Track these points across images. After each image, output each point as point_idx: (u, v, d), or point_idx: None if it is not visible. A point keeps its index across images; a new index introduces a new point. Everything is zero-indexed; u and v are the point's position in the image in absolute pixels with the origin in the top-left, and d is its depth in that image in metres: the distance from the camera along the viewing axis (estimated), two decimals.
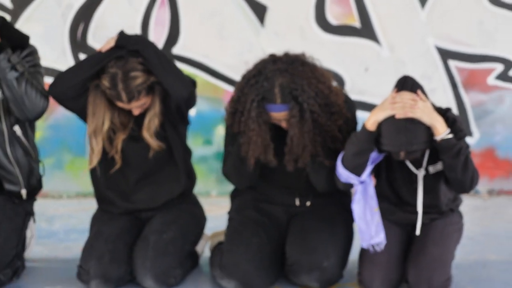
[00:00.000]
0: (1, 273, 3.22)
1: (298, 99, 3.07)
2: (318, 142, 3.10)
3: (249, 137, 3.10)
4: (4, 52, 3.18)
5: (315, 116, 3.08)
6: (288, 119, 3.09)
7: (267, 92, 3.08)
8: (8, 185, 3.34)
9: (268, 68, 3.16)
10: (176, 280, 3.25)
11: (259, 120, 3.08)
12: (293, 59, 3.19)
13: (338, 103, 3.15)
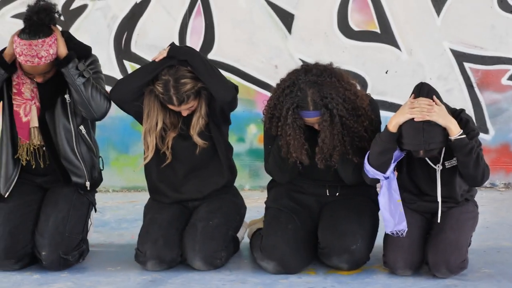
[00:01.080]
0: (70, 255, 3.63)
1: (328, 106, 3.44)
2: (346, 142, 3.47)
3: (287, 140, 3.49)
4: (72, 61, 3.58)
5: (343, 120, 3.46)
6: (320, 123, 3.47)
7: (301, 101, 3.45)
8: (75, 178, 3.74)
9: (300, 79, 3.51)
10: (221, 262, 3.65)
11: (294, 125, 3.46)
12: (322, 70, 3.54)
13: (364, 107, 3.53)
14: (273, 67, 5.62)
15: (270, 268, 3.53)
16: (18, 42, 3.55)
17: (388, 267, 3.51)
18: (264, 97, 5.57)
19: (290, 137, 3.46)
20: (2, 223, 3.66)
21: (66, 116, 3.71)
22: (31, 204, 3.74)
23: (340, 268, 3.54)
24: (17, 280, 3.51)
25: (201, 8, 5.60)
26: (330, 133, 3.44)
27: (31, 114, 3.69)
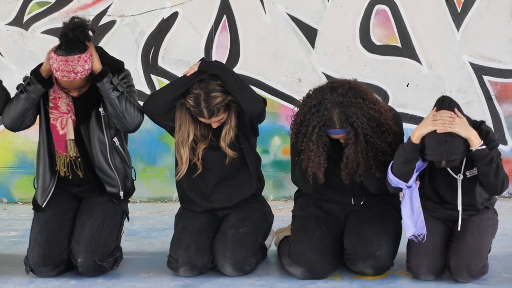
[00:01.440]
0: (105, 262, 3.78)
1: (354, 125, 3.58)
2: (370, 157, 3.61)
3: (308, 156, 3.63)
4: (107, 76, 3.74)
5: (367, 137, 3.59)
6: (345, 140, 3.62)
7: (328, 120, 3.59)
8: (109, 188, 3.90)
9: (327, 98, 3.63)
10: (250, 268, 3.79)
11: (318, 143, 3.60)
12: (347, 90, 3.65)
13: (387, 122, 3.65)
14: (297, 80, 5.77)
15: (298, 273, 3.66)
16: (55, 58, 3.70)
17: (412, 272, 3.64)
18: (288, 110, 5.70)
19: (312, 153, 3.60)
20: (40, 231, 3.83)
21: (100, 128, 3.87)
22: (67, 213, 3.90)
23: (365, 273, 3.67)
24: (55, 286, 3.66)
25: (226, 23, 5.76)
26: (354, 151, 3.58)
27: (67, 127, 3.84)
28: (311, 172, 3.64)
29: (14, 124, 3.84)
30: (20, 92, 3.78)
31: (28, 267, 3.81)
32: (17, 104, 3.79)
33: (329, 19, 5.70)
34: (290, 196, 5.84)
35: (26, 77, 3.81)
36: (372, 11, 5.67)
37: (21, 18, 5.84)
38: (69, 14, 5.81)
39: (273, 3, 5.68)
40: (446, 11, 5.64)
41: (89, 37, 3.81)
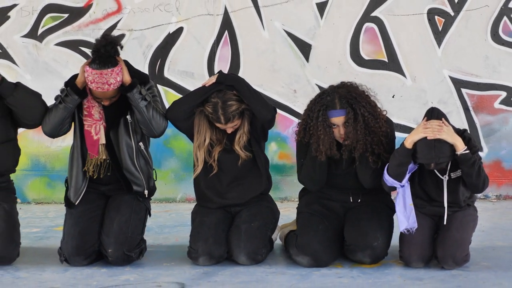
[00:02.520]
0: (132, 252, 4.23)
1: (353, 105, 4.08)
2: (367, 141, 4.09)
3: (318, 136, 4.08)
4: (136, 87, 4.19)
5: (365, 118, 4.08)
6: (345, 121, 4.09)
7: (330, 102, 4.09)
8: (135, 187, 4.33)
9: (329, 89, 4.19)
10: (262, 257, 4.26)
11: (324, 124, 4.08)
12: (347, 85, 4.20)
13: (381, 116, 4.17)
14: (292, 91, 6.19)
15: (304, 262, 4.15)
16: (90, 72, 4.12)
17: (404, 261, 4.14)
18: (284, 118, 6.18)
19: (321, 132, 4.06)
20: (73, 225, 4.27)
21: (128, 134, 4.30)
22: (96, 209, 4.33)
23: (363, 262, 4.16)
24: (89, 273, 4.10)
25: (228, 38, 6.14)
26: (353, 129, 4.06)
27: (100, 133, 4.29)
28: (325, 151, 4.07)
29: (54, 131, 4.26)
30: (58, 102, 4.21)
31: (63, 257, 4.24)
32: (56, 114, 4.22)
33: (322, 35, 6.11)
34: (285, 197, 6.31)
35: (63, 89, 4.23)
36: (362, 29, 6.09)
37: (36, 31, 6.19)
38: (81, 28, 6.20)
39: (271, 20, 6.10)
40: (428, 30, 6.07)
41: (118, 52, 4.20)
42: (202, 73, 6.18)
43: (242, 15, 6.12)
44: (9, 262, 4.26)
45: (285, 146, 6.25)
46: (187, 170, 6.20)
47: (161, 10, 6.15)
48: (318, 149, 4.12)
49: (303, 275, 4.02)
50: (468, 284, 3.84)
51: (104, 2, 6.16)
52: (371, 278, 3.95)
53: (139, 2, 6.14)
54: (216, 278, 3.98)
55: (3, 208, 4.31)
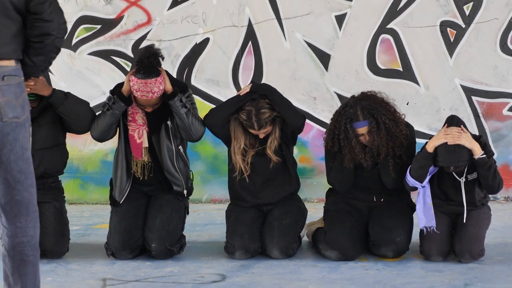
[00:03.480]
0: (174, 247, 4.59)
1: (374, 115, 4.45)
2: (390, 146, 4.45)
3: (350, 147, 4.45)
4: (177, 95, 4.55)
5: (386, 125, 4.44)
6: (368, 130, 4.46)
7: (353, 114, 4.45)
8: (175, 187, 4.69)
9: (351, 101, 4.55)
10: (293, 252, 4.62)
11: (352, 136, 4.45)
12: (367, 94, 4.57)
13: (401, 121, 4.54)
14: (312, 99, 6.49)
15: (333, 256, 4.52)
16: (136, 81, 4.48)
17: (424, 255, 4.51)
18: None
19: (354, 143, 4.43)
20: (119, 222, 4.63)
21: (168, 138, 4.65)
22: (139, 208, 4.69)
23: (387, 256, 4.53)
24: (135, 266, 4.46)
25: (251, 48, 6.43)
26: (377, 136, 4.42)
27: (143, 137, 4.65)
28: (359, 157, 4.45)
29: (102, 136, 4.63)
30: (106, 109, 4.58)
31: (109, 251, 4.61)
32: (103, 120, 4.58)
33: (340, 46, 6.41)
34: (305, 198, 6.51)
35: (110, 97, 4.60)
36: (378, 40, 6.39)
37: (70, 41, 6.45)
38: (113, 38, 6.49)
39: (292, 31, 6.41)
40: (441, 41, 6.38)
41: (160, 62, 4.55)
42: (227, 81, 6.50)
43: (265, 27, 6.43)
44: (60, 255, 4.62)
45: (305, 150, 6.58)
46: (212, 172, 6.55)
47: (189, 22, 6.46)
48: (351, 158, 4.48)
49: (332, 267, 4.39)
50: (484, 275, 4.21)
51: (134, 14, 6.45)
52: (395, 270, 4.32)
53: (168, 14, 6.45)
54: (253, 270, 4.34)
55: (54, 206, 4.68)
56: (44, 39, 3.20)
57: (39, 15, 3.17)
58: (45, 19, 3.18)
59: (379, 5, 6.39)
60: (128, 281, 4.16)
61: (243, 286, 4.05)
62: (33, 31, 3.18)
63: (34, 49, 3.21)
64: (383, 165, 4.53)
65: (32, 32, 3.19)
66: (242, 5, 6.42)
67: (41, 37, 3.19)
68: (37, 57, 3.23)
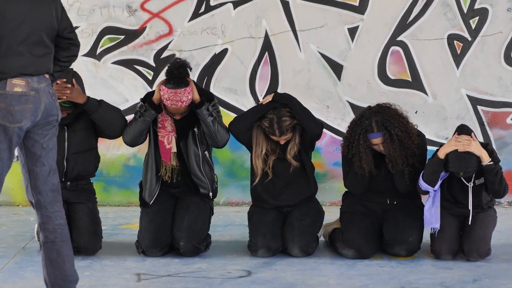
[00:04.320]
0: (201, 245, 4.91)
1: (388, 128, 4.77)
2: (403, 155, 4.77)
3: (360, 157, 4.79)
4: (204, 104, 4.86)
5: (399, 137, 4.76)
6: (382, 142, 4.78)
7: (368, 126, 4.78)
8: (202, 189, 5.00)
9: (366, 113, 4.87)
10: (312, 250, 4.94)
11: (364, 145, 4.77)
12: (382, 106, 4.88)
13: (413, 132, 4.86)
14: (326, 107, 6.73)
15: (349, 254, 4.84)
16: (166, 91, 4.80)
17: (434, 254, 4.84)
18: None
19: (362, 153, 4.77)
20: (149, 222, 4.94)
21: (195, 144, 4.96)
22: (168, 208, 5.01)
23: (400, 254, 4.85)
24: (165, 262, 4.78)
25: (268, 58, 6.68)
26: (392, 147, 4.74)
27: (172, 143, 4.97)
28: (365, 169, 4.78)
29: (133, 141, 4.95)
30: (138, 116, 4.89)
31: (140, 249, 4.93)
32: (135, 126, 4.90)
33: (353, 57, 6.68)
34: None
35: (142, 105, 4.91)
36: (388, 51, 6.66)
37: (94, 50, 6.71)
38: (136, 48, 6.73)
39: (307, 43, 6.68)
40: (448, 53, 6.65)
41: (189, 73, 4.87)
42: (244, 90, 6.75)
43: (281, 38, 6.69)
44: (93, 253, 4.95)
45: (318, 156, 6.86)
46: (229, 177, 6.82)
47: (208, 33, 6.73)
48: (360, 166, 4.81)
49: (349, 265, 4.72)
50: (491, 272, 4.54)
51: (156, 25, 6.70)
52: (408, 267, 4.65)
53: (188, 26, 6.71)
54: (275, 267, 4.67)
55: (88, 206, 5.01)
56: (71, 60, 3.93)
57: (72, 41, 3.87)
58: (76, 44, 3.90)
59: (389, 18, 6.67)
60: (160, 275, 4.49)
61: (269, 281, 4.37)
62: (65, 53, 3.85)
63: (59, 66, 3.85)
64: (397, 172, 4.85)
65: (64, 53, 3.85)
66: (259, 18, 6.70)
67: (70, 57, 3.90)
68: (58, 73, 3.88)
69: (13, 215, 6.39)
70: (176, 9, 6.71)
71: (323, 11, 6.68)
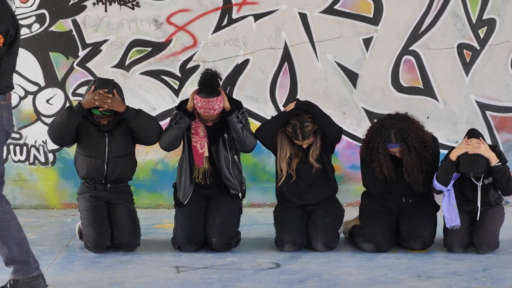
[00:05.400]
0: (232, 241, 5.33)
1: (406, 140, 5.18)
2: (419, 164, 5.19)
3: (380, 164, 5.20)
4: (234, 112, 5.27)
5: (416, 149, 5.18)
6: (400, 152, 5.20)
7: (387, 137, 5.19)
8: (232, 190, 5.41)
9: (386, 123, 5.26)
10: (334, 245, 5.36)
11: (384, 153, 5.19)
12: (401, 117, 5.28)
13: (428, 140, 5.27)
14: (342, 113, 7.10)
15: (369, 248, 5.25)
16: (199, 100, 5.21)
17: (447, 247, 5.24)
18: None
19: (382, 161, 5.19)
20: (184, 221, 5.36)
21: (225, 148, 5.37)
22: (201, 208, 5.41)
23: (415, 248, 5.26)
24: (200, 257, 5.20)
25: (287, 68, 7.06)
26: (409, 157, 5.16)
27: (204, 148, 5.38)
28: (386, 174, 5.19)
29: (169, 146, 5.37)
30: (174, 123, 5.30)
31: (176, 245, 5.35)
32: (171, 132, 5.32)
33: (367, 66, 7.07)
34: None
35: (177, 113, 5.31)
36: (401, 60, 7.05)
37: (123, 62, 7.12)
38: (162, 60, 7.10)
39: (324, 53, 7.07)
40: (458, 61, 7.04)
41: (220, 83, 5.28)
42: (265, 98, 7.14)
43: (300, 49, 7.08)
44: (133, 249, 5.37)
45: (335, 159, 7.12)
46: (252, 180, 7.17)
47: (231, 45, 7.12)
48: (381, 171, 5.21)
49: (369, 257, 5.13)
50: (499, 263, 4.96)
51: (182, 37, 7.09)
52: (423, 259, 5.06)
53: (212, 38, 7.09)
54: (302, 260, 5.09)
55: (127, 207, 5.43)
56: None
57: None
58: None
59: (402, 29, 7.05)
60: (197, 268, 4.91)
61: (297, 272, 4.79)
62: None
63: None
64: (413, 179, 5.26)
65: None
66: (278, 30, 7.09)
67: None
68: None
69: (50, 217, 6.81)
70: (200, 22, 7.10)
71: (339, 23, 7.06)
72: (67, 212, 6.98)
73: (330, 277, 4.68)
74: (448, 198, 5.15)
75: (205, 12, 7.10)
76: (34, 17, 7.04)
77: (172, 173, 6.85)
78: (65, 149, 7.18)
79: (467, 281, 4.55)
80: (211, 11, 7.10)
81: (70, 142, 5.44)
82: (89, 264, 5.00)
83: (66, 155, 7.18)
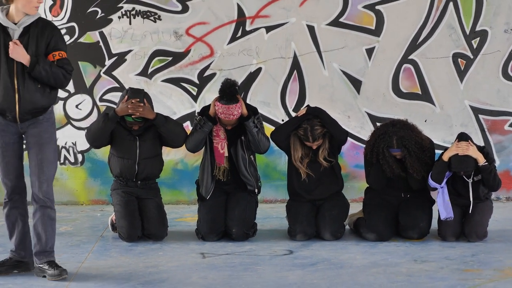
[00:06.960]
0: (249, 231, 5.96)
1: (406, 146, 5.79)
2: (418, 166, 5.80)
3: (390, 166, 5.79)
4: (251, 118, 5.86)
5: (416, 153, 5.79)
6: (402, 156, 5.80)
7: (390, 142, 5.79)
8: (249, 187, 6.03)
9: (389, 130, 5.87)
10: (341, 235, 5.99)
11: (389, 156, 5.79)
12: (402, 125, 5.88)
13: (426, 145, 5.88)
14: (347, 117, 7.56)
15: (372, 237, 5.89)
16: (220, 106, 5.83)
17: (441, 236, 5.87)
18: None
19: (390, 163, 5.79)
20: (206, 213, 5.98)
21: (243, 149, 5.98)
22: (221, 202, 6.03)
23: (412, 237, 5.89)
24: (221, 245, 5.83)
25: (296, 76, 7.53)
26: (410, 161, 5.76)
27: (224, 148, 6.00)
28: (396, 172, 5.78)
29: (195, 148, 5.98)
30: (198, 128, 5.91)
31: (200, 235, 5.98)
32: (196, 136, 5.93)
33: (370, 73, 7.50)
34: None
35: (200, 118, 5.91)
36: (401, 68, 7.50)
37: (146, 70, 7.53)
38: (182, 68, 7.54)
39: (330, 62, 7.51)
40: (453, 69, 7.48)
41: (238, 91, 5.89)
42: (276, 103, 7.60)
43: (308, 58, 7.51)
44: (161, 238, 6.00)
45: (340, 159, 7.57)
46: (264, 178, 7.40)
47: (245, 54, 7.56)
48: (392, 172, 5.81)
49: (372, 245, 5.78)
50: (487, 249, 5.59)
51: (200, 48, 7.53)
52: (419, 247, 5.71)
53: (227, 48, 7.53)
54: (312, 247, 5.73)
55: (155, 201, 6.07)
56: None
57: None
58: None
59: (402, 40, 7.51)
60: (220, 254, 5.55)
61: (308, 257, 5.43)
62: None
63: None
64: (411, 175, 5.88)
65: None
66: (288, 40, 7.54)
67: None
68: None
69: (81, 212, 7.43)
70: (216, 34, 7.55)
71: (344, 34, 7.52)
72: (95, 207, 7.57)
73: (338, 261, 5.32)
74: (442, 194, 5.76)
75: (221, 25, 7.51)
76: (64, 29, 7.46)
77: (191, 172, 7.48)
78: (93, 150, 7.59)
79: (457, 264, 5.19)
80: (226, 23, 7.52)
81: (105, 144, 6.06)
82: (124, 251, 5.64)
83: (94, 156, 7.66)
